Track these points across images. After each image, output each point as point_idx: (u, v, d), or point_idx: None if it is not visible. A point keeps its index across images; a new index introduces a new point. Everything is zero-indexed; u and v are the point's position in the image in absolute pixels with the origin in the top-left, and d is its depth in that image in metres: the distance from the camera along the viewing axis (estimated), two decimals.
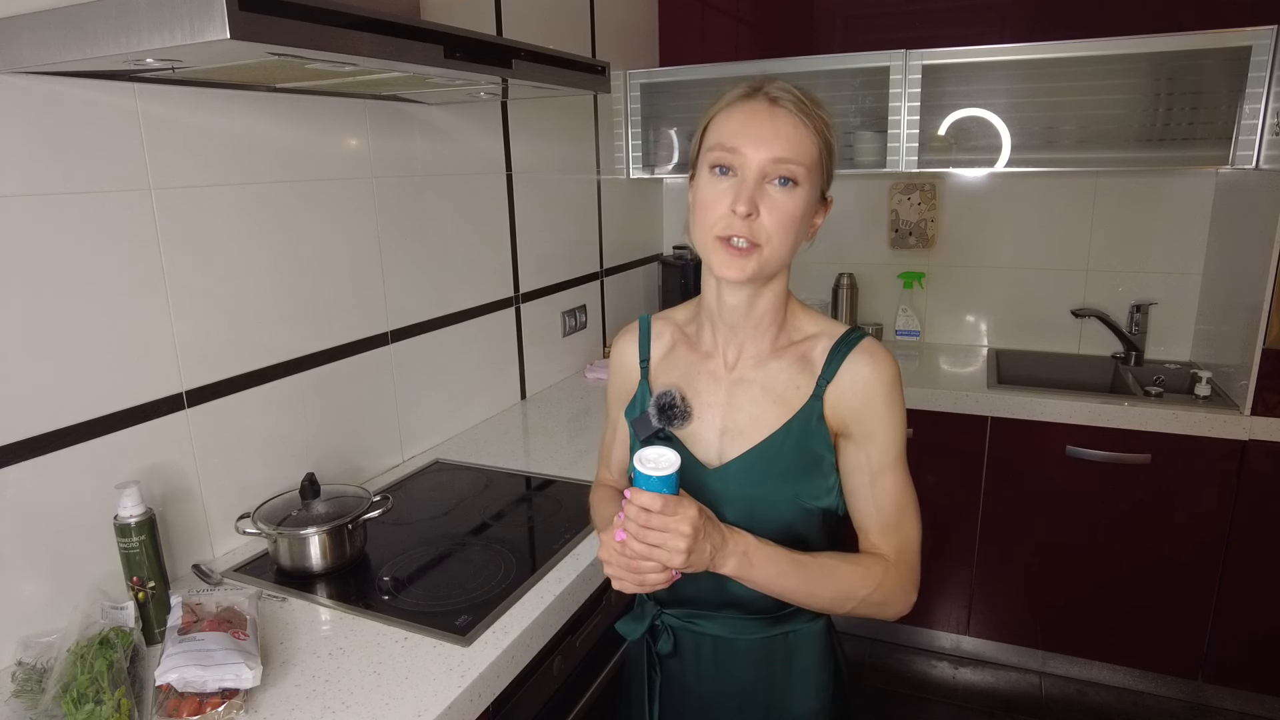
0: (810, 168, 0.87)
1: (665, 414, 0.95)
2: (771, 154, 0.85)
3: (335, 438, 1.59)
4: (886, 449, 0.93)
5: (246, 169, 1.36)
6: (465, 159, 1.90)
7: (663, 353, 1.05)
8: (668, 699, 1.06)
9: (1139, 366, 2.48)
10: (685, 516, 0.82)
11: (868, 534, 0.96)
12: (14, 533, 1.07)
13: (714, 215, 0.87)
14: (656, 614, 1.03)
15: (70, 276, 1.11)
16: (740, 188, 0.86)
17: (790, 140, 0.86)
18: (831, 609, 0.95)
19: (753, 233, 0.86)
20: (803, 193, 0.87)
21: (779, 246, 0.88)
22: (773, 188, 0.86)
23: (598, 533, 1.13)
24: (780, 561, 0.89)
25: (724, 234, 0.87)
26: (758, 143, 0.85)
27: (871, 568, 0.93)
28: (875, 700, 2.35)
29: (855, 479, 0.95)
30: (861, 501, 0.95)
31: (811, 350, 0.96)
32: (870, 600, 0.92)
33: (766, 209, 0.86)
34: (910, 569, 0.95)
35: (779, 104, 0.87)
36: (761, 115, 0.87)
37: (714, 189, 0.88)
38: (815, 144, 0.88)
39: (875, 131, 2.42)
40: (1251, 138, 1.99)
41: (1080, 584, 2.26)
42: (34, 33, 0.94)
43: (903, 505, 0.95)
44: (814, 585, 0.91)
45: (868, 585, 0.92)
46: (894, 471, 0.94)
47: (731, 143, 0.86)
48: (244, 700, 0.97)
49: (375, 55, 1.00)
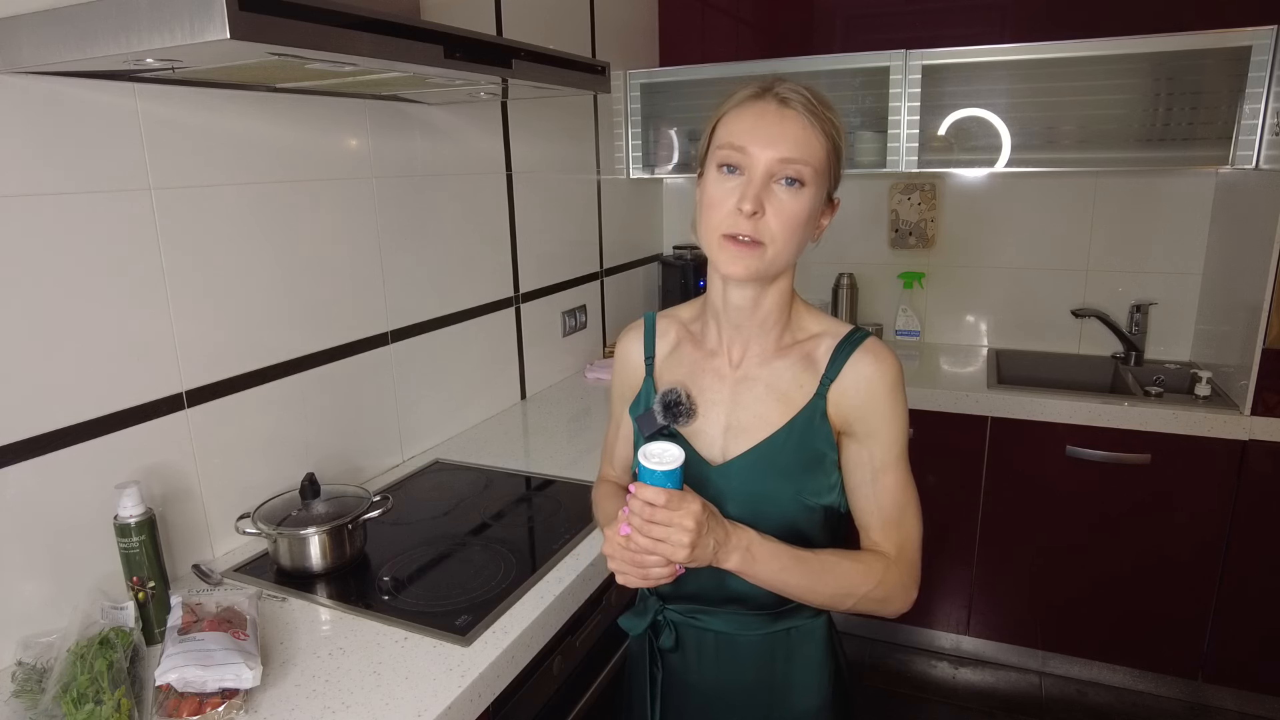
0: (818, 169, 0.88)
1: (670, 411, 0.96)
2: (779, 154, 0.86)
3: (335, 438, 1.59)
4: (889, 447, 0.94)
5: (246, 169, 1.36)
6: (465, 159, 1.90)
7: (667, 350, 1.05)
8: (669, 695, 1.06)
9: (1139, 366, 2.48)
10: (689, 511, 0.83)
11: (869, 531, 0.97)
12: (14, 533, 1.07)
13: (720, 213, 0.88)
14: (659, 609, 1.04)
15: (70, 276, 1.11)
16: (747, 187, 0.86)
17: (798, 141, 0.86)
18: (832, 605, 0.95)
19: (758, 231, 0.87)
20: (809, 194, 0.87)
21: (783, 246, 0.88)
22: (779, 188, 0.87)
23: (601, 528, 1.13)
24: (782, 557, 0.90)
25: (730, 232, 0.88)
26: (766, 143, 0.86)
27: (872, 565, 0.94)
28: (875, 700, 2.35)
29: (857, 476, 0.96)
30: (863, 499, 0.96)
31: (815, 349, 0.96)
32: (871, 597, 0.93)
33: (773, 209, 0.87)
34: (911, 566, 0.96)
35: (789, 105, 0.87)
36: (770, 116, 0.87)
37: (721, 187, 0.88)
38: (823, 146, 0.88)
39: (875, 131, 2.41)
40: (1251, 138, 1.99)
41: (1080, 584, 2.26)
42: (34, 33, 0.94)
43: (904, 503, 0.96)
44: (815, 581, 0.91)
45: (869, 582, 0.93)
46: (896, 470, 0.95)
47: (740, 142, 0.87)
48: (244, 700, 0.97)
49: (375, 55, 1.00)
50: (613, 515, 1.03)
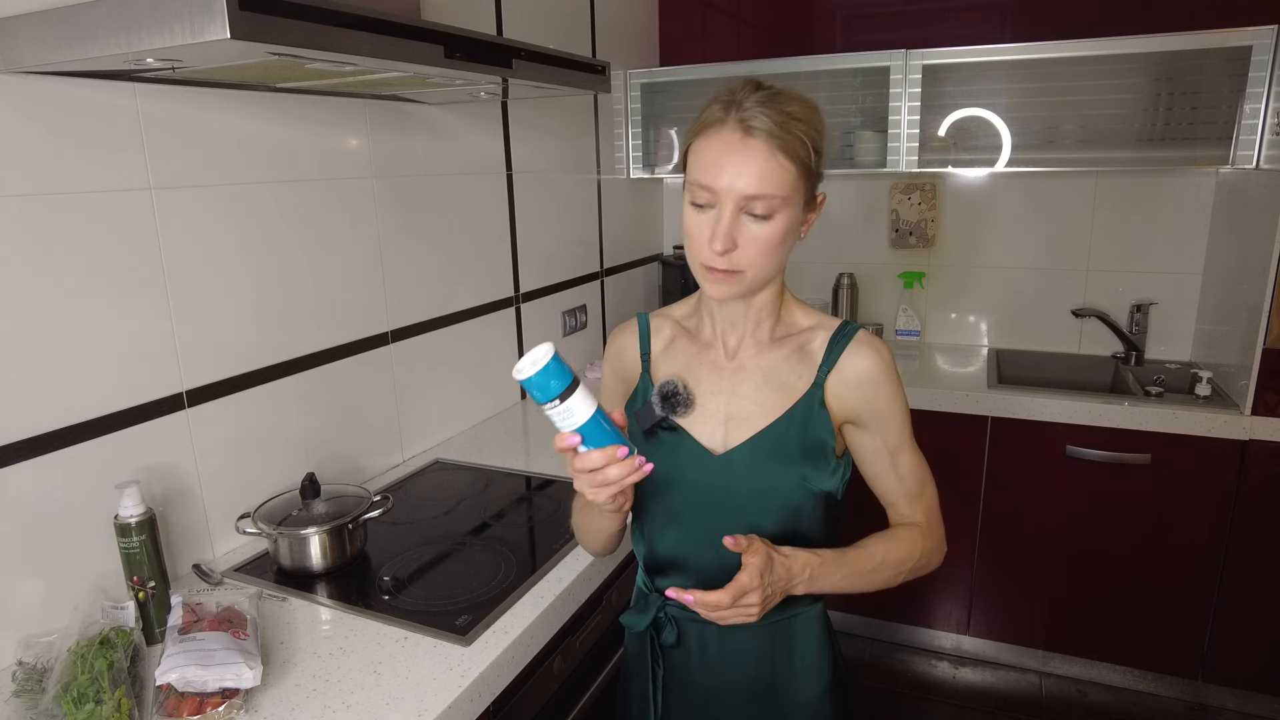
0: (788, 196, 0.87)
1: (668, 402, 0.97)
2: (745, 191, 0.86)
3: (335, 437, 1.59)
4: (899, 429, 0.99)
5: (247, 169, 1.36)
6: (465, 159, 1.90)
7: (663, 346, 1.07)
8: (670, 692, 1.07)
9: (1139, 366, 2.48)
10: (750, 592, 0.87)
11: (896, 507, 1.04)
12: (14, 533, 1.07)
13: (697, 244, 0.90)
14: (660, 606, 1.04)
15: (70, 276, 1.11)
16: (717, 225, 0.87)
17: (763, 175, 0.85)
18: (886, 585, 1.01)
19: (733, 263, 0.89)
20: (780, 219, 0.88)
21: (761, 269, 0.90)
22: (749, 219, 0.87)
23: (580, 540, 1.12)
24: (841, 565, 0.95)
25: (707, 264, 0.90)
26: (731, 178, 0.86)
27: (912, 539, 1.01)
28: (875, 700, 2.35)
29: (877, 464, 1.01)
30: (887, 481, 1.02)
31: (810, 342, 0.99)
32: (916, 566, 1.01)
33: (744, 240, 0.88)
34: (939, 526, 1.04)
35: (752, 134, 0.85)
36: (735, 149, 0.86)
37: (695, 221, 0.90)
38: (791, 171, 0.86)
39: (875, 131, 2.41)
40: (1252, 138, 1.99)
41: (1080, 584, 2.26)
42: (34, 33, 0.94)
43: (921, 476, 1.02)
44: (872, 574, 0.98)
45: (913, 556, 1.00)
46: (908, 447, 1.01)
47: (705, 180, 0.88)
48: (244, 700, 0.97)
49: (375, 55, 1.00)
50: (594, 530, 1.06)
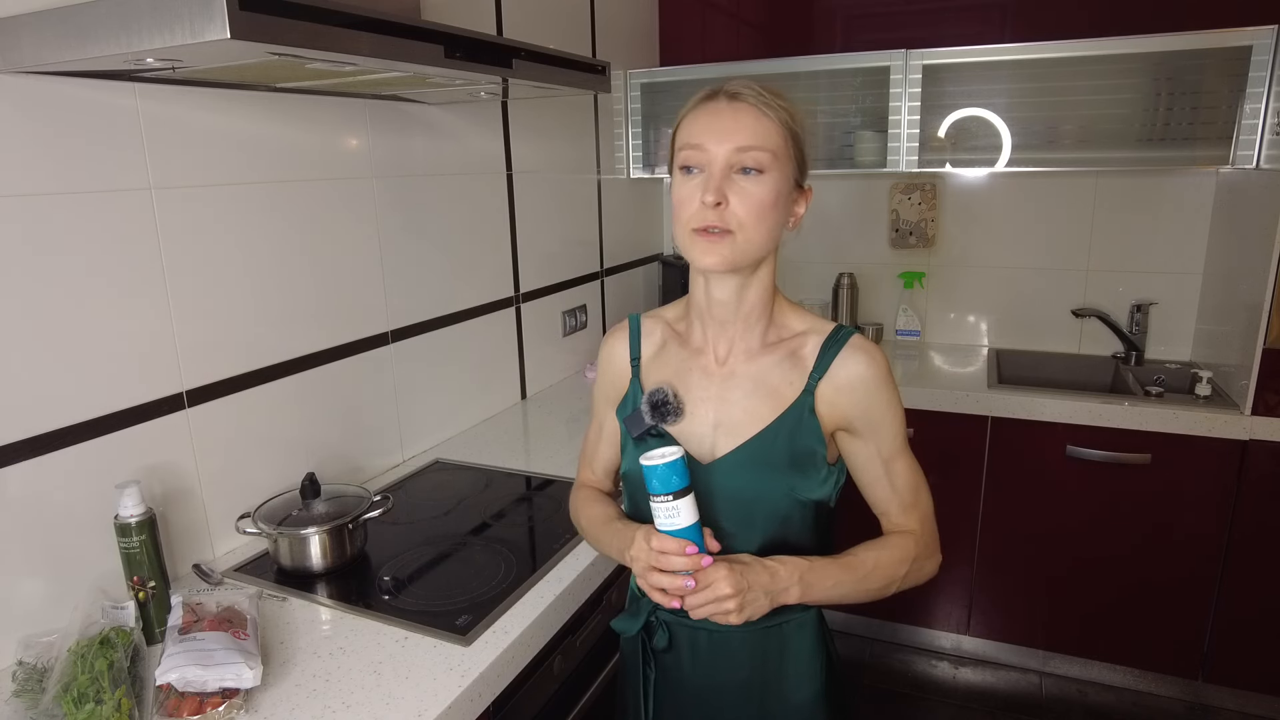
0: (776, 153, 0.89)
1: (658, 410, 0.97)
2: (735, 144, 0.88)
3: (335, 437, 1.59)
4: (894, 436, 0.98)
5: (247, 169, 1.36)
6: (465, 159, 1.90)
7: (653, 351, 1.06)
8: (663, 695, 1.06)
9: (1139, 366, 2.48)
10: (716, 579, 0.86)
11: (890, 516, 1.02)
12: (14, 533, 1.07)
13: (688, 211, 0.91)
14: (651, 610, 1.04)
15: (70, 276, 1.11)
16: (708, 180, 0.89)
17: (752, 130, 0.89)
18: (880, 595, 1.00)
19: (724, 220, 0.89)
20: (771, 179, 0.89)
21: (753, 233, 0.90)
22: (740, 177, 0.89)
23: (584, 534, 1.13)
24: (834, 571, 0.94)
25: (698, 225, 0.90)
26: (720, 137, 0.89)
27: (906, 547, 0.99)
28: (875, 700, 2.35)
29: (871, 471, 0.99)
30: (880, 489, 1.00)
31: (801, 347, 0.98)
32: (909, 577, 1.00)
33: (736, 197, 0.89)
34: (934, 534, 1.03)
35: (739, 99, 0.90)
36: (723, 111, 0.90)
37: (685, 187, 0.91)
38: (778, 132, 0.90)
39: (875, 131, 2.41)
40: (1252, 138, 1.99)
41: (1080, 584, 2.26)
42: (34, 33, 0.94)
43: (916, 483, 1.01)
44: (865, 582, 0.96)
45: (906, 564, 0.98)
46: (903, 455, 1.00)
47: (696, 140, 0.90)
48: (244, 700, 0.97)
49: (375, 55, 1.00)
50: (597, 519, 1.05)
